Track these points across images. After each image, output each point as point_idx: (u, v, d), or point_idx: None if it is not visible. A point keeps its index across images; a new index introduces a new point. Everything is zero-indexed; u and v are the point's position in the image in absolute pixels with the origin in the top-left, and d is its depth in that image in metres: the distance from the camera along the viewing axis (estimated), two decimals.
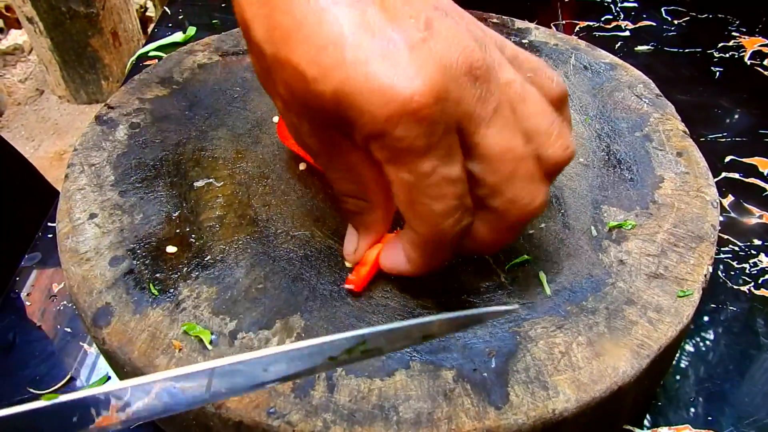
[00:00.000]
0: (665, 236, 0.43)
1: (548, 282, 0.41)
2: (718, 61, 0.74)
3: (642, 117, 0.53)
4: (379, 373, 0.36)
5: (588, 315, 0.39)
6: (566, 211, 0.45)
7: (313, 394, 0.35)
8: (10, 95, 2.38)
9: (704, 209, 0.45)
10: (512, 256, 0.42)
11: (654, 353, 0.37)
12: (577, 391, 0.35)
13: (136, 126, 0.51)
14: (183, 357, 0.36)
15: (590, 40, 0.77)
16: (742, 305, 0.51)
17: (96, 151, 0.48)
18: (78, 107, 2.32)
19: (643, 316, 0.39)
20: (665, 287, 0.40)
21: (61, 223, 0.43)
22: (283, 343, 0.37)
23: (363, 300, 0.40)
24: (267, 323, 0.38)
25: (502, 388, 0.35)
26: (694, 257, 0.42)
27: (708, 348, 0.49)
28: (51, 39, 2.11)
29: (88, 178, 0.46)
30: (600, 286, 0.40)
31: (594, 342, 0.37)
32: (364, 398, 0.35)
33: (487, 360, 0.37)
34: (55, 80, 2.27)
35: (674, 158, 0.49)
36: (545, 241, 0.43)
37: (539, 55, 0.59)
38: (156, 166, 0.48)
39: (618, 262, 0.42)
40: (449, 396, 0.35)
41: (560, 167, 0.35)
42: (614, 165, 0.49)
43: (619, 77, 0.57)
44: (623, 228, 0.44)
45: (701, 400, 0.46)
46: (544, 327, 0.38)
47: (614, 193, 0.46)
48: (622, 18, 0.80)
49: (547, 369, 0.36)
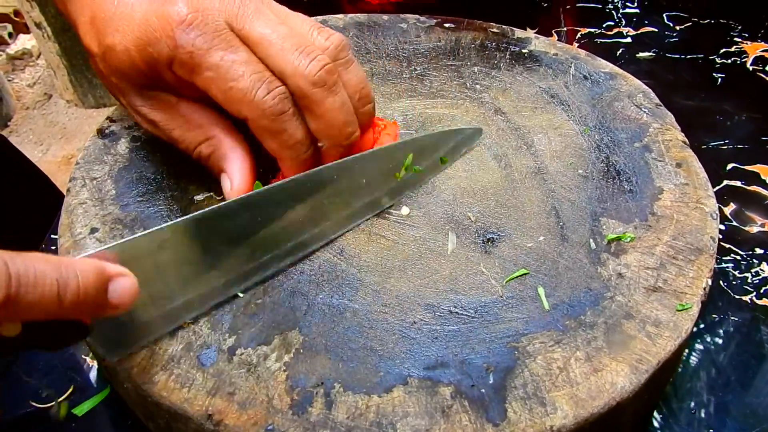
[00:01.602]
0: (664, 249, 0.43)
1: (546, 296, 0.41)
2: (720, 66, 0.74)
3: (641, 127, 0.52)
4: (377, 389, 0.36)
5: (586, 329, 0.39)
6: (565, 223, 0.45)
7: (311, 411, 0.35)
8: (19, 99, 2.39)
9: (703, 221, 0.45)
10: (510, 270, 0.42)
11: (653, 368, 0.37)
12: (575, 407, 0.35)
13: (137, 139, 0.51)
14: (182, 373, 0.37)
15: (592, 46, 0.77)
16: (744, 315, 0.51)
17: (98, 164, 0.49)
18: (86, 111, 2.33)
19: (641, 330, 0.39)
20: (664, 301, 0.40)
21: (62, 238, 0.44)
22: (282, 359, 0.37)
23: (361, 315, 0.40)
24: (266, 339, 0.38)
25: (500, 405, 0.35)
26: (693, 270, 0.42)
27: (710, 358, 0.48)
28: (59, 44, 2.12)
29: (90, 192, 0.47)
30: (598, 299, 0.40)
31: (592, 357, 0.37)
32: (361, 415, 0.35)
33: (485, 376, 0.37)
34: (63, 84, 2.28)
35: (673, 169, 0.49)
36: (543, 254, 0.43)
37: (539, 65, 0.59)
38: (157, 179, 0.48)
39: (617, 275, 0.42)
40: (447, 413, 0.35)
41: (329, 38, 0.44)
42: (613, 176, 0.48)
43: (619, 87, 0.57)
44: (622, 241, 0.44)
45: (703, 411, 0.45)
46: (542, 342, 0.38)
47: (613, 205, 0.46)
48: (624, 24, 0.80)
49: (545, 385, 0.36)
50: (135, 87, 0.44)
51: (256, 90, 0.41)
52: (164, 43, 0.41)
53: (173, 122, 0.45)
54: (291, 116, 0.42)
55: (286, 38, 0.42)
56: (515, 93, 0.57)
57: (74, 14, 0.47)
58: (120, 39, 0.42)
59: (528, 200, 0.47)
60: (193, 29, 0.40)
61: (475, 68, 0.59)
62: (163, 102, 0.45)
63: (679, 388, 0.47)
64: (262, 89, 0.41)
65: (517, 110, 0.55)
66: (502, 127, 0.53)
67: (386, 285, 0.41)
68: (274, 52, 0.42)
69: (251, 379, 0.36)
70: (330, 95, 0.42)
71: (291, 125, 0.42)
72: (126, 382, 0.37)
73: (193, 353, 0.38)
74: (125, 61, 0.42)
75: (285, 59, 0.41)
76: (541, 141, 0.52)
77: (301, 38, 0.43)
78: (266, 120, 0.42)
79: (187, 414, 0.35)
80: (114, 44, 0.42)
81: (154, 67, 0.42)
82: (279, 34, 0.42)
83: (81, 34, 0.45)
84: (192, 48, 0.40)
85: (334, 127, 0.43)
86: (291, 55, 0.41)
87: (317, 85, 0.42)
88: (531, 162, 0.50)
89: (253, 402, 0.35)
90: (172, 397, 0.36)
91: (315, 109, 0.43)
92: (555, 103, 0.55)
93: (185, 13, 0.40)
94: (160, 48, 0.41)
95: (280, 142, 0.43)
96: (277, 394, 0.36)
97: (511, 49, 0.61)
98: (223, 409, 0.35)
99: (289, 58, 0.41)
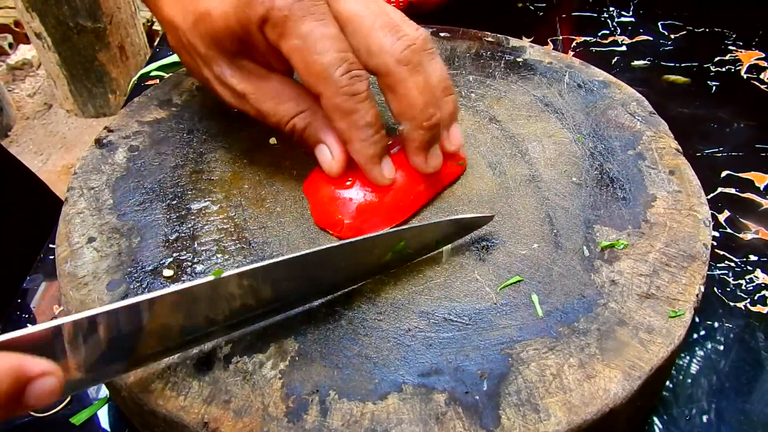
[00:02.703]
0: (657, 256, 0.43)
1: (540, 303, 0.41)
2: (715, 75, 0.74)
3: (635, 135, 0.53)
4: (372, 397, 0.36)
5: (580, 336, 0.39)
6: (558, 231, 0.45)
7: (306, 418, 0.35)
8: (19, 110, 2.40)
9: (696, 228, 0.45)
10: (504, 277, 0.43)
11: (646, 375, 0.37)
12: (568, 413, 0.35)
13: (134, 149, 0.52)
14: (178, 381, 0.37)
15: (587, 55, 0.78)
16: (737, 322, 0.51)
17: (95, 174, 0.49)
18: (86, 121, 2.34)
19: (634, 336, 0.39)
20: (657, 307, 0.40)
21: (60, 248, 0.44)
22: (277, 367, 0.38)
23: (356, 323, 0.40)
24: (261, 347, 0.39)
25: (494, 411, 0.36)
26: (686, 277, 0.42)
27: (704, 366, 0.49)
28: (59, 54, 2.13)
29: (87, 202, 0.47)
30: (592, 306, 0.41)
31: (585, 364, 0.38)
32: (356, 422, 0.35)
33: (479, 382, 0.37)
34: (63, 94, 2.29)
35: (667, 176, 0.49)
36: (537, 261, 0.44)
37: (533, 74, 0.60)
38: (154, 189, 0.48)
39: (610, 282, 0.42)
40: (441, 419, 0.35)
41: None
42: (607, 184, 0.49)
43: (613, 95, 0.57)
44: (615, 248, 0.44)
45: (697, 419, 0.46)
46: (535, 349, 0.38)
47: (606, 212, 0.47)
48: (619, 33, 0.81)
49: (539, 391, 0.36)
50: (226, 55, 0.45)
51: (336, 67, 0.41)
52: (261, 3, 0.41)
53: (264, 94, 0.46)
54: (364, 98, 0.43)
55: (378, 17, 0.43)
56: (510, 101, 0.57)
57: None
58: (218, 3, 0.43)
59: (522, 208, 0.47)
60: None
61: (470, 77, 0.60)
62: (253, 73, 0.46)
63: (673, 394, 0.47)
64: (342, 68, 0.42)
65: (512, 118, 0.55)
66: (496, 135, 0.54)
67: (381, 292, 0.42)
68: (364, 30, 0.43)
69: (247, 387, 0.37)
70: (414, 75, 0.43)
71: (362, 106, 0.43)
72: (122, 391, 0.38)
73: (189, 361, 0.38)
74: (221, 25, 0.43)
75: (373, 36, 0.43)
76: (535, 149, 0.52)
77: (392, 20, 0.44)
78: (340, 98, 0.42)
79: (183, 422, 0.35)
80: (210, 9, 0.43)
81: (248, 28, 0.43)
82: (371, 12, 0.43)
83: (165, 10, 0.46)
84: (288, 12, 0.41)
85: (416, 107, 0.44)
86: (380, 32, 0.43)
87: (402, 63, 0.43)
88: (525, 170, 0.50)
89: (249, 410, 0.36)
90: (168, 406, 0.36)
91: (398, 88, 0.43)
92: (549, 111, 0.56)
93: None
94: (257, 8, 0.41)
95: (349, 122, 0.43)
96: (273, 402, 0.36)
97: (506, 58, 0.62)
98: (218, 416, 0.35)
99: (378, 35, 0.43)
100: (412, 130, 0.44)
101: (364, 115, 0.43)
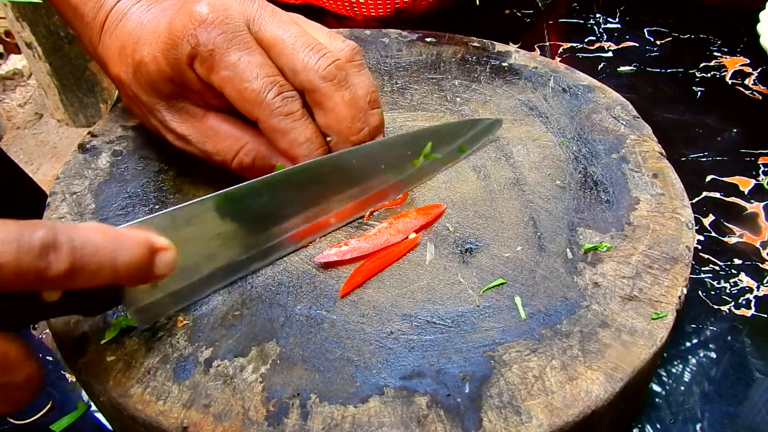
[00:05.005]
0: (640, 258, 0.43)
1: (523, 305, 0.41)
2: (700, 80, 0.74)
3: (619, 138, 0.53)
4: (353, 400, 0.36)
5: (562, 338, 0.39)
6: (542, 233, 0.45)
7: (286, 422, 0.35)
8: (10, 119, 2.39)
9: (679, 230, 0.45)
10: (488, 279, 0.42)
11: (627, 376, 0.37)
12: (550, 415, 0.35)
13: (118, 154, 0.51)
14: (157, 386, 0.37)
15: (574, 61, 0.78)
16: (722, 325, 0.51)
17: (78, 179, 0.49)
18: (77, 130, 2.33)
19: (617, 339, 0.39)
20: (639, 309, 0.40)
21: None
22: (258, 370, 0.37)
23: (339, 326, 0.40)
24: (242, 350, 0.38)
25: (476, 414, 0.35)
26: (668, 279, 0.42)
27: (687, 369, 0.48)
28: (50, 63, 2.13)
29: (69, 207, 0.47)
30: (574, 308, 0.41)
31: (568, 366, 0.37)
32: (337, 425, 0.35)
33: (461, 385, 0.37)
34: (54, 104, 2.29)
35: (650, 180, 0.49)
36: (521, 264, 0.43)
37: (519, 78, 0.60)
38: (137, 193, 0.48)
39: (593, 284, 0.42)
40: (422, 422, 0.35)
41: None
42: (591, 187, 0.49)
43: (597, 99, 0.57)
44: (598, 250, 0.44)
45: (680, 423, 0.45)
46: (518, 351, 0.38)
47: (590, 215, 0.47)
48: (606, 39, 0.81)
49: (521, 394, 0.36)
50: (164, 99, 0.46)
51: (267, 92, 0.43)
52: (187, 42, 0.42)
53: (203, 134, 0.47)
54: (299, 116, 0.44)
55: (298, 38, 0.44)
56: (495, 105, 0.57)
57: (103, 53, 0.49)
58: (148, 50, 0.44)
59: (506, 211, 0.47)
60: (214, 28, 0.42)
61: (455, 81, 0.60)
62: (191, 114, 0.47)
63: (657, 398, 0.47)
64: (272, 91, 0.43)
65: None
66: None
67: (364, 295, 0.42)
68: (287, 51, 0.43)
69: (227, 390, 0.36)
70: (339, 90, 0.44)
71: (299, 124, 0.44)
72: (102, 396, 0.37)
73: (169, 365, 0.38)
74: (154, 70, 0.44)
75: (296, 57, 0.43)
76: (519, 152, 0.52)
77: (313, 39, 0.44)
78: (275, 120, 0.43)
79: (162, 427, 0.35)
80: (143, 57, 0.44)
81: (178, 67, 0.44)
82: (292, 34, 0.44)
83: (112, 70, 0.48)
84: (213, 46, 0.42)
85: (343, 121, 0.44)
86: (302, 52, 0.43)
87: (326, 79, 0.43)
88: (509, 173, 0.50)
89: (229, 414, 0.35)
90: (147, 410, 0.36)
91: (324, 103, 0.44)
92: (534, 115, 0.56)
93: (207, 12, 0.42)
94: (183, 47, 0.43)
95: (290, 141, 0.44)
96: (253, 406, 0.36)
97: (492, 63, 0.62)
98: (198, 421, 0.35)
99: (301, 56, 0.43)
100: (340, 143, 0.45)
101: (302, 132, 0.44)
